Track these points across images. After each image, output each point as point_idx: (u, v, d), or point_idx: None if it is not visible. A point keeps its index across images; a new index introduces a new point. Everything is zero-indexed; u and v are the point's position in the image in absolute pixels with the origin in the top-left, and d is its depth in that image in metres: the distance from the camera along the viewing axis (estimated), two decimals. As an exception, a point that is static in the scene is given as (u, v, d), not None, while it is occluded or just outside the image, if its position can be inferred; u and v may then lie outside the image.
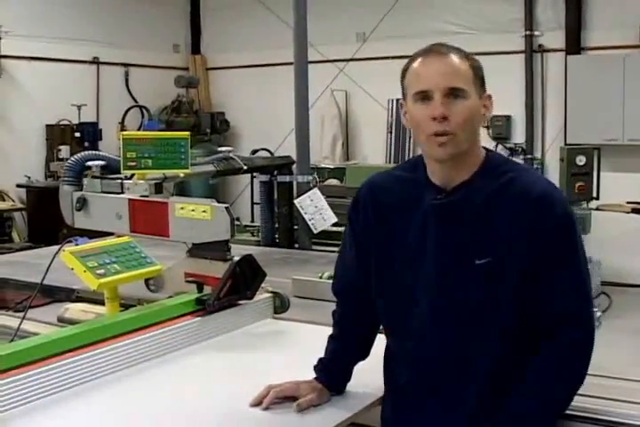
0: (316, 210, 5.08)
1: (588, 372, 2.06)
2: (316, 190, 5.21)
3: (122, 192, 3.44)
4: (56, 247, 2.77)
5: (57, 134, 9.46)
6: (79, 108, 9.50)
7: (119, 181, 3.46)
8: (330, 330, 2.43)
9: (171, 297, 3.05)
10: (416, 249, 2.10)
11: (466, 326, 2.07)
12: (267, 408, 2.21)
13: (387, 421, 2.30)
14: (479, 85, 2.01)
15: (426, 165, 2.12)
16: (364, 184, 2.28)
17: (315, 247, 5.32)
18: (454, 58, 1.99)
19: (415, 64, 2.03)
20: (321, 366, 2.34)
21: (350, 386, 2.37)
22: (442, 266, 2.06)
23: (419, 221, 2.09)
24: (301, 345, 2.56)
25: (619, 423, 2.32)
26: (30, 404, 2.24)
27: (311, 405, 2.23)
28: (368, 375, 2.35)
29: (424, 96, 1.98)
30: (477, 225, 2.01)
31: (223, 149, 4.82)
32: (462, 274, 2.03)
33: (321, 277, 3.74)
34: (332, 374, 2.33)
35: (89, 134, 9.35)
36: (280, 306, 3.18)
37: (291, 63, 5.56)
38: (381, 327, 2.34)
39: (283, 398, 2.25)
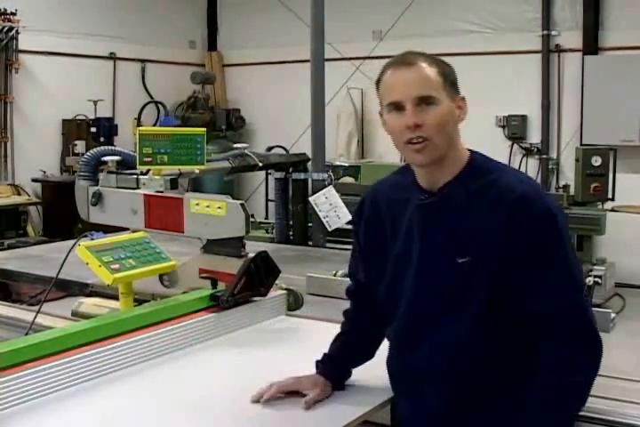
0: (331, 208, 5.08)
1: (601, 373, 2.04)
2: (330, 188, 5.21)
3: (137, 187, 3.45)
4: (71, 242, 2.78)
5: (73, 129, 9.48)
6: (95, 103, 9.52)
7: (135, 176, 3.47)
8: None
9: (185, 293, 3.06)
10: (404, 250, 2.16)
11: (441, 328, 2.10)
12: (267, 401, 2.23)
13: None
14: (450, 89, 2.06)
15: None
16: (368, 191, 2.37)
17: (329, 245, 5.32)
18: (422, 66, 2.05)
19: (386, 75, 2.12)
20: (326, 361, 2.38)
21: (363, 383, 2.38)
22: (424, 265, 2.12)
23: (407, 222, 2.16)
24: (314, 342, 2.56)
25: (632, 426, 2.32)
26: (45, 397, 2.25)
27: (317, 400, 2.25)
28: (380, 373, 2.35)
29: (396, 106, 2.05)
30: (458, 224, 2.06)
31: (238, 145, 4.82)
32: (444, 273, 2.08)
33: (335, 275, 3.75)
34: (336, 369, 2.37)
35: (105, 129, 9.35)
36: (294, 303, 3.18)
37: (307, 61, 5.57)
38: None
39: (285, 393, 2.28)
